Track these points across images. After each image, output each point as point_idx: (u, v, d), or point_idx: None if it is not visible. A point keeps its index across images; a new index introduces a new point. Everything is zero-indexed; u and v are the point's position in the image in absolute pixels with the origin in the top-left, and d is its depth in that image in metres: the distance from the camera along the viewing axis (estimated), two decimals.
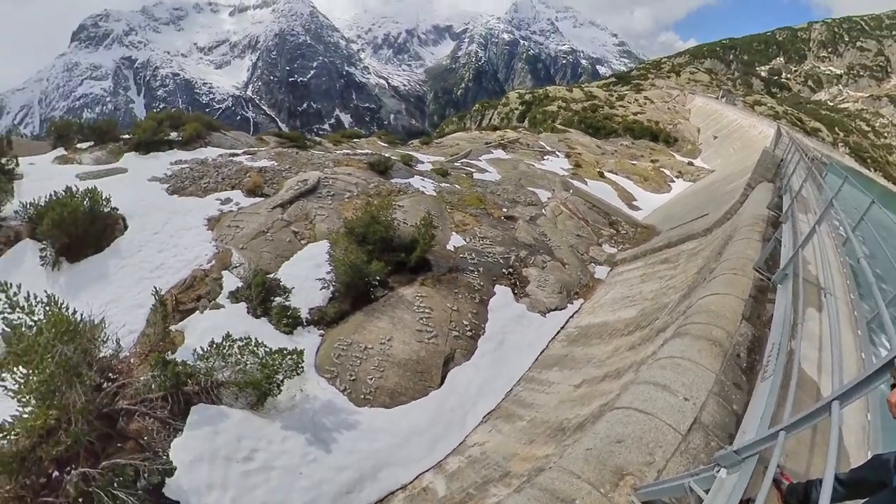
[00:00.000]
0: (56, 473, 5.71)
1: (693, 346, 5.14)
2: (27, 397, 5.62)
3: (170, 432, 6.33)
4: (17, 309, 5.94)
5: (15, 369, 5.68)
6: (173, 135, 18.47)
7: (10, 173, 12.89)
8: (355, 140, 30.63)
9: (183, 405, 6.53)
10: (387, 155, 19.53)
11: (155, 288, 8.21)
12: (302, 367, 7.27)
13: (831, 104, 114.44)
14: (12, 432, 5.49)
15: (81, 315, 6.58)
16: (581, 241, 15.08)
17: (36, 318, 5.99)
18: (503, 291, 11.08)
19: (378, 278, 9.86)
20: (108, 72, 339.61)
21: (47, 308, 6.13)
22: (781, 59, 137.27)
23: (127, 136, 18.46)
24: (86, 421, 5.86)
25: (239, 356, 6.88)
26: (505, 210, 16.00)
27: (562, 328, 10.54)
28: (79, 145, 17.95)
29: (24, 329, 5.85)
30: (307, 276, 10.02)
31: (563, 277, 12.35)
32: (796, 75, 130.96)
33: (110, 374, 7.02)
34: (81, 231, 10.03)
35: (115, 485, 5.46)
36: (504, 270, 11.85)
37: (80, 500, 5.40)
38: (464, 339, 9.33)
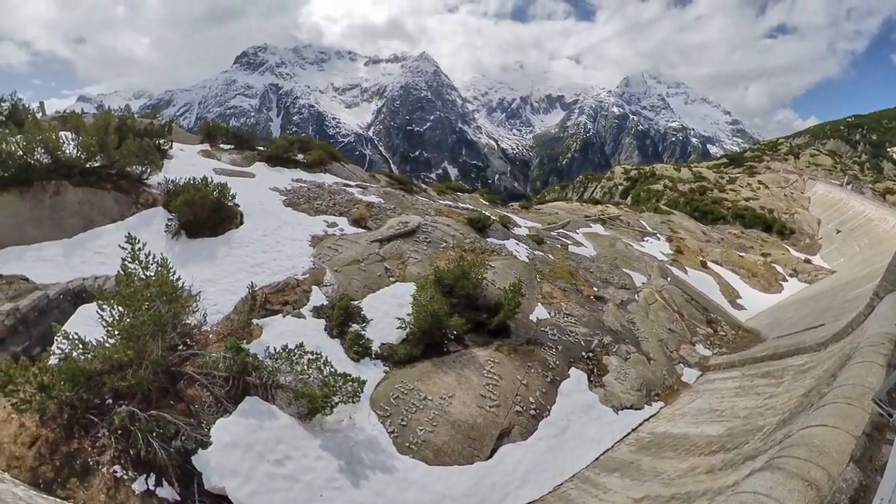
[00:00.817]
0: (110, 401, 6.37)
1: (784, 485, 4.49)
2: (116, 332, 6.48)
3: (219, 410, 6.76)
4: (136, 261, 6.82)
5: (116, 307, 6.54)
6: (300, 156, 20.85)
7: (164, 153, 15.67)
8: (458, 193, 31.75)
9: (240, 392, 6.98)
10: (486, 213, 19.98)
11: (251, 282, 9.22)
12: (359, 396, 7.45)
13: None
14: (92, 353, 6.39)
15: (183, 284, 7.52)
16: (672, 337, 14.13)
17: (148, 274, 6.86)
18: (578, 376, 10.62)
19: (455, 333, 9.91)
20: (257, 92, 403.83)
21: (159, 268, 7.03)
22: None
23: (261, 148, 21.41)
24: (153, 371, 6.57)
25: (305, 368, 7.25)
26: (596, 289, 15.55)
27: (633, 430, 9.75)
28: (221, 145, 21.35)
29: (135, 279, 6.72)
30: (388, 311, 10.33)
31: (645, 374, 11.60)
32: None
33: (188, 341, 7.85)
34: (205, 215, 11.68)
35: (154, 434, 5.94)
36: (583, 353, 11.41)
37: (119, 432, 5.99)
38: (525, 417, 8.99)
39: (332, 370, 7.31)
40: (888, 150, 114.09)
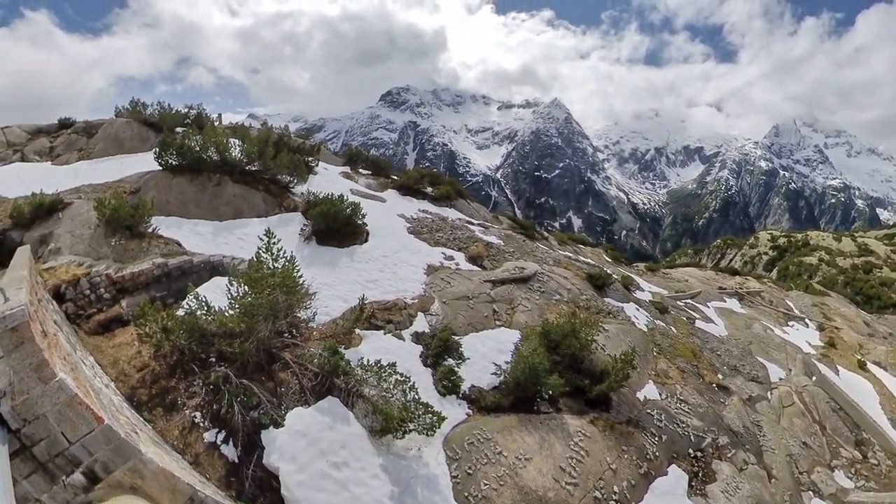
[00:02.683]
0: (213, 360, 7.47)
1: None
2: (237, 306, 7.57)
3: (301, 399, 7.39)
4: (269, 252, 8.07)
5: (242, 284, 7.70)
6: (429, 189, 22.69)
7: (311, 168, 18.53)
8: (581, 245, 31.08)
9: (325, 389, 7.57)
10: (608, 270, 19.21)
11: (363, 295, 10.06)
12: (435, 431, 7.50)
13: None
14: (212, 316, 7.51)
15: (303, 282, 8.72)
16: (806, 454, 11.88)
17: (276, 265, 8.04)
18: (677, 476, 9.33)
19: (550, 393, 9.49)
20: (397, 128, 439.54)
21: (287, 263, 8.21)
22: None
23: (395, 177, 23.98)
24: (257, 347, 7.61)
25: (391, 387, 7.56)
26: (720, 376, 13.86)
27: None
28: (360, 170, 24.37)
29: (264, 267, 7.97)
30: (486, 354, 10.25)
31: (761, 494, 9.80)
32: None
33: (294, 331, 8.90)
34: (336, 227, 13.23)
35: (239, 399, 6.77)
36: (690, 450, 10.11)
37: (211, 387, 6.91)
38: None
39: (417, 397, 7.52)
40: None
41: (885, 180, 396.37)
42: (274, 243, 8.06)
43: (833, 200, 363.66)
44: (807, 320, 26.76)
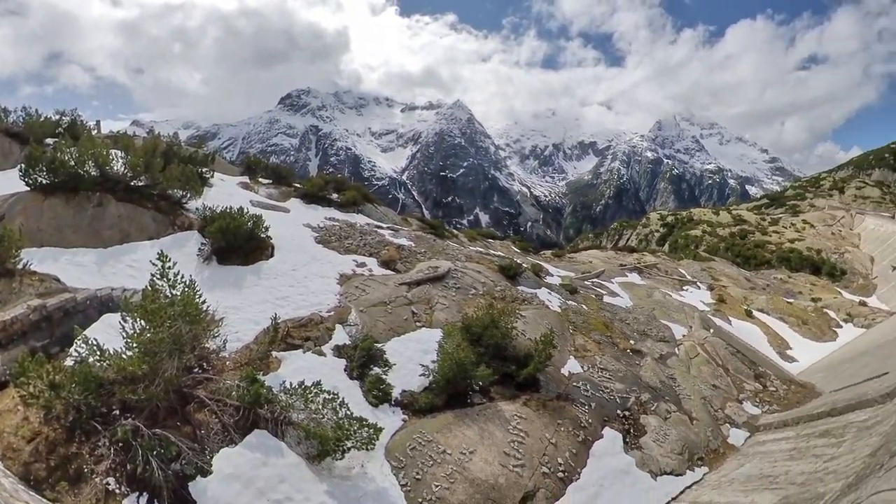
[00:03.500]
0: (116, 412, 6.37)
1: None
2: (134, 345, 6.53)
3: (225, 439, 6.58)
4: (165, 278, 6.96)
5: (138, 320, 6.64)
6: (334, 195, 21.58)
7: (205, 180, 16.62)
8: (490, 240, 31.66)
9: (250, 423, 6.79)
10: (518, 261, 19.74)
11: (275, 314, 9.13)
12: (374, 444, 7.15)
13: None
14: (108, 361, 6.46)
15: (207, 307, 7.60)
16: (717, 394, 13.14)
17: (174, 293, 6.97)
18: (612, 436, 9.89)
19: (481, 384, 9.51)
20: (298, 132, 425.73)
21: (186, 289, 7.13)
22: None
23: (298, 185, 22.48)
24: (165, 389, 6.55)
25: (320, 407, 7.02)
26: (632, 342, 14.80)
27: (674, 499, 8.91)
28: (260, 179, 22.45)
29: (161, 295, 6.86)
30: (411, 357, 10.04)
31: (687, 435, 10.72)
32: None
33: (204, 364, 7.84)
34: (238, 243, 12.12)
35: (155, 453, 5.84)
36: (619, 412, 10.70)
37: (120, 444, 5.93)
38: (552, 479, 8.36)
39: (349, 413, 7.09)
40: None
41: (751, 162, 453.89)
42: (170, 267, 7.09)
43: (710, 181, 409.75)
44: (698, 283, 29.61)
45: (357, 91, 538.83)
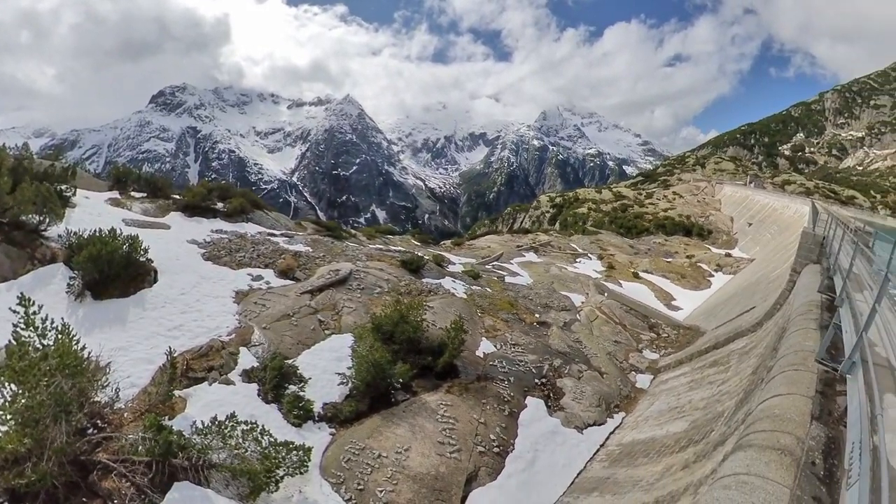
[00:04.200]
0: None
1: (759, 459, 4.42)
2: (8, 417, 5.33)
3: (143, 503, 5.71)
4: (31, 327, 5.80)
5: (7, 385, 5.39)
6: (219, 205, 19.59)
7: (66, 201, 13.84)
8: (389, 236, 31.38)
9: (166, 478, 5.96)
10: (419, 254, 19.73)
11: (169, 347, 8.14)
12: (307, 466, 6.76)
13: (860, 168, 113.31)
14: None
15: (89, 354, 6.45)
16: (619, 348, 14.28)
17: (46, 343, 5.84)
18: (535, 404, 10.29)
19: (401, 381, 9.40)
20: (173, 136, 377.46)
21: (59, 336, 6.00)
22: (801, 134, 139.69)
23: (177, 196, 19.84)
24: (58, 462, 5.45)
25: (240, 440, 6.43)
26: (537, 315, 15.52)
27: (602, 446, 9.56)
28: (132, 193, 19.40)
29: (30, 349, 5.66)
30: (326, 368, 9.65)
31: (601, 388, 11.50)
32: (819, 147, 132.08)
33: (99, 422, 6.70)
34: (114, 272, 10.31)
35: None
36: (536, 381, 11.15)
37: None
38: (490, 456, 8.53)
39: (272, 440, 6.57)
40: (780, 147, 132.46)
41: (626, 146, 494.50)
42: (35, 313, 5.89)
43: (592, 164, 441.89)
44: (589, 255, 31.87)
45: (239, 87, 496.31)
